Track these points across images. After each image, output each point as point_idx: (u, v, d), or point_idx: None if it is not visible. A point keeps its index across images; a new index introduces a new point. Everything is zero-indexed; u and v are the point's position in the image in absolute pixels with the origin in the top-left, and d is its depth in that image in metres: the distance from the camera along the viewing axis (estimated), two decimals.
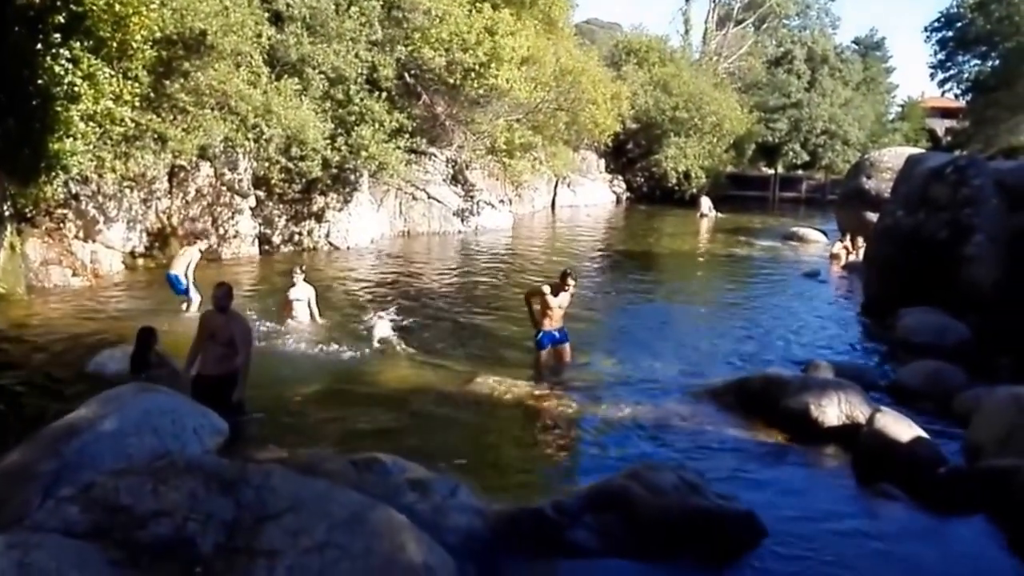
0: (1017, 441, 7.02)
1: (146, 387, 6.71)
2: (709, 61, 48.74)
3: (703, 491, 5.92)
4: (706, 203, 35.30)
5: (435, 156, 23.90)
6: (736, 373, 9.72)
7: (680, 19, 55.09)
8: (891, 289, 13.69)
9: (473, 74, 20.40)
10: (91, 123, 12.32)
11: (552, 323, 9.90)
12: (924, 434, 7.38)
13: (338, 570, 3.88)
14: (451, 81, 20.62)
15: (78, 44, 11.60)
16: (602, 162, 41.77)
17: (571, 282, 9.95)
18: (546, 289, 9.93)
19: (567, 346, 10.12)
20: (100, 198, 15.03)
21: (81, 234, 14.84)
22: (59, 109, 11.58)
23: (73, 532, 3.96)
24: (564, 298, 9.95)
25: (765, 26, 52.72)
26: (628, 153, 41.98)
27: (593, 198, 38.63)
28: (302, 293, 11.74)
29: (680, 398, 9.06)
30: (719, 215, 34.70)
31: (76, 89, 11.57)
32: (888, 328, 12.66)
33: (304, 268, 12.33)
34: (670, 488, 5.82)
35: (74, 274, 14.06)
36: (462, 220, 25.08)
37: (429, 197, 24.13)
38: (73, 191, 14.35)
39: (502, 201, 27.79)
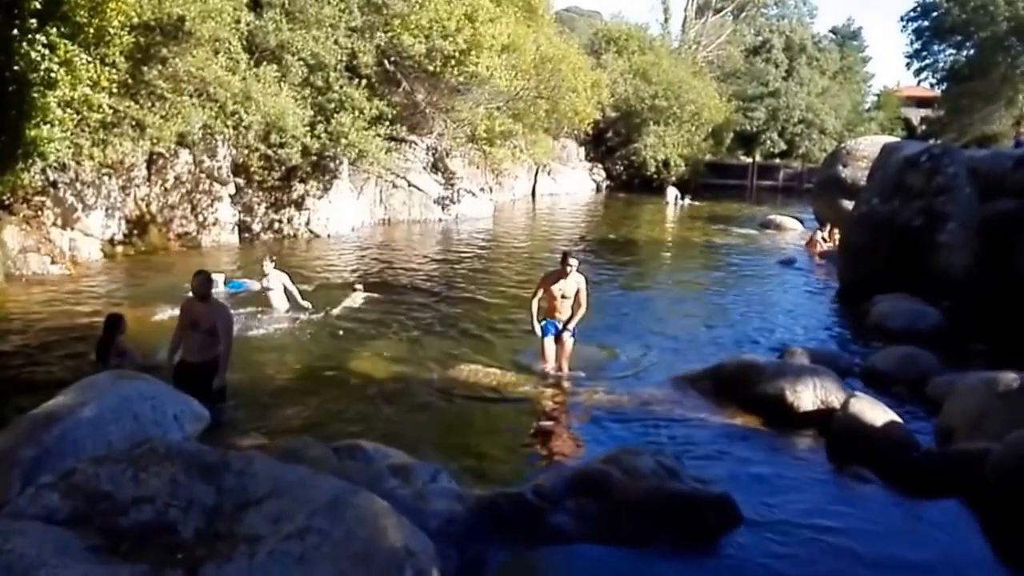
0: (988, 424, 7.15)
1: (125, 374, 6.70)
2: (688, 50, 48.86)
3: (680, 475, 6.00)
4: (672, 192, 35.20)
5: (415, 144, 23.83)
6: (713, 359, 9.81)
7: (659, 7, 55.33)
8: (866, 276, 13.86)
9: (453, 61, 20.34)
10: (68, 110, 12.22)
11: (558, 313, 9.16)
12: (897, 418, 7.51)
13: (319, 555, 3.90)
14: (431, 68, 20.55)
15: (54, 30, 11.48)
16: (582, 150, 41.79)
17: (572, 263, 9.01)
18: (546, 277, 9.27)
19: (569, 341, 9.29)
20: (78, 185, 14.91)
21: (59, 222, 14.72)
22: (36, 95, 11.47)
23: (53, 519, 3.95)
24: (567, 285, 9.11)
25: (743, 15, 52.95)
26: (608, 141, 42.05)
27: (573, 186, 38.67)
28: (275, 283, 11.77)
29: (658, 384, 9.13)
30: (691, 204, 34.59)
31: (53, 75, 11.46)
32: (863, 314, 12.80)
33: (273, 257, 12.35)
34: (648, 472, 5.90)
35: (53, 262, 13.94)
36: (443, 208, 25.05)
37: (409, 185, 24.08)
38: (51, 178, 14.23)
39: (482, 189, 27.76)
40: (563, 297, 9.11)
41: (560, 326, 9.21)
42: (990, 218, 13.19)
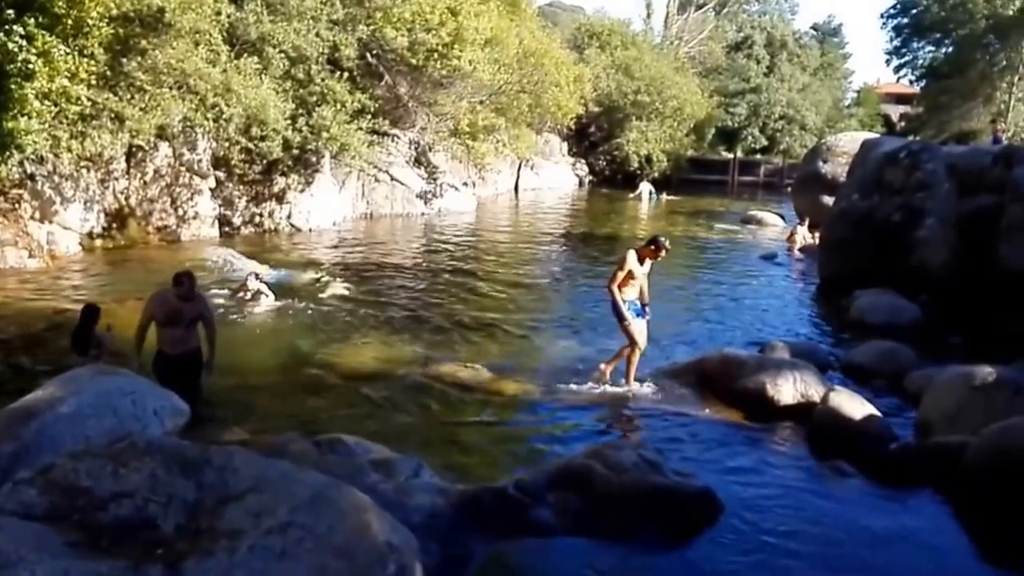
0: (966, 418, 7.23)
1: (105, 368, 6.64)
2: (670, 45, 48.95)
3: (662, 469, 6.02)
4: (645, 187, 34.93)
5: (398, 138, 23.76)
6: (695, 353, 9.85)
7: (642, 3, 55.37)
8: (846, 271, 13.95)
9: (436, 55, 20.30)
10: (46, 101, 12.11)
11: (643, 294, 8.79)
12: (876, 412, 7.58)
13: (301, 550, 3.89)
14: (414, 62, 20.49)
15: (32, 21, 11.38)
16: (565, 145, 41.78)
17: (667, 246, 8.68)
18: (631, 256, 8.69)
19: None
20: (56, 178, 14.74)
21: (37, 215, 14.56)
22: (13, 87, 11.37)
23: (32, 515, 3.92)
24: (647, 268, 8.80)
25: (725, 11, 53.14)
26: (590, 136, 42.06)
27: (556, 181, 38.66)
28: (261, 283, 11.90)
29: (640, 378, 9.15)
30: (666, 199, 34.58)
31: (31, 67, 11.36)
32: (842, 309, 12.89)
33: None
34: (630, 466, 5.91)
35: (30, 256, 13.79)
36: (425, 202, 24.97)
37: (392, 179, 23.98)
38: (29, 171, 14.07)
39: (465, 184, 27.71)
40: (646, 279, 8.80)
41: (640, 307, 8.79)
42: (968, 214, 13.30)
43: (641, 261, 8.71)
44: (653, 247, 8.66)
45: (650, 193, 34.56)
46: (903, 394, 8.87)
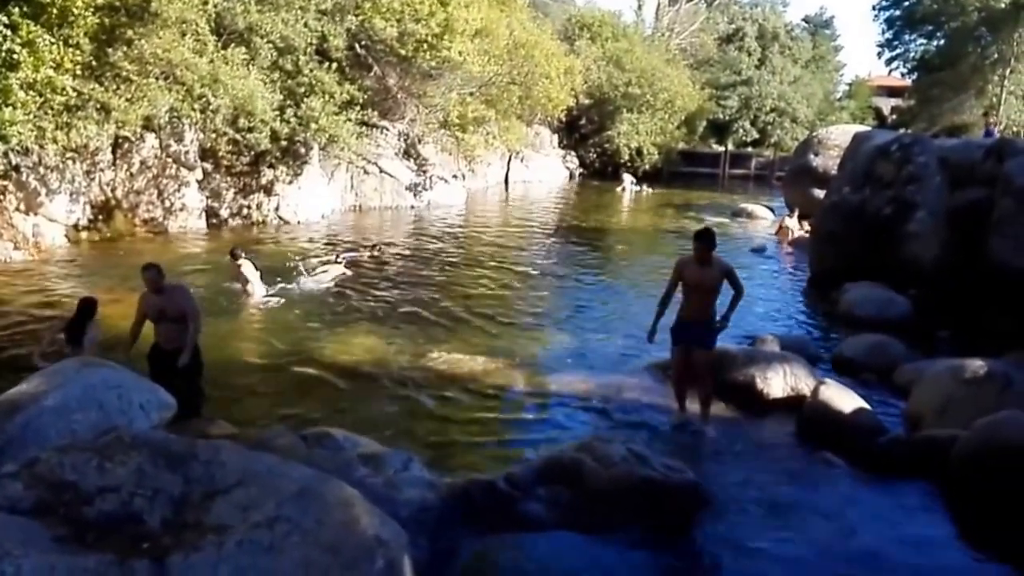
0: (954, 411, 7.26)
1: (90, 361, 6.59)
2: (661, 37, 48.89)
3: (651, 462, 6.01)
4: (628, 179, 35.41)
5: (387, 129, 23.66)
6: None
7: None
8: (836, 264, 13.96)
9: (426, 46, 20.21)
10: (31, 92, 12.00)
11: (690, 310, 7.45)
12: (866, 405, 7.60)
13: (289, 544, 3.86)
14: (403, 53, 20.40)
15: (17, 10, 11.28)
16: (555, 137, 41.71)
17: (699, 233, 7.26)
18: (678, 264, 7.53)
19: (700, 354, 7.45)
20: (42, 169, 14.62)
21: (22, 206, 14.44)
22: None
23: (17, 509, 3.88)
24: (706, 274, 7.27)
25: (717, 3, 53.10)
26: (581, 129, 42.01)
27: (546, 174, 38.59)
28: (249, 271, 11.75)
29: (630, 372, 9.16)
30: (649, 192, 34.70)
31: (15, 56, 11.26)
32: (833, 302, 12.92)
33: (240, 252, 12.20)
34: (620, 460, 5.91)
35: (16, 248, 13.70)
36: (415, 195, 24.89)
37: (381, 171, 23.89)
38: (13, 162, 13.95)
39: (455, 176, 27.62)
40: (700, 289, 7.31)
41: (691, 329, 7.43)
42: (959, 208, 13.30)
43: (689, 267, 7.37)
44: (694, 244, 7.30)
45: (631, 184, 34.86)
46: (893, 387, 8.89)
